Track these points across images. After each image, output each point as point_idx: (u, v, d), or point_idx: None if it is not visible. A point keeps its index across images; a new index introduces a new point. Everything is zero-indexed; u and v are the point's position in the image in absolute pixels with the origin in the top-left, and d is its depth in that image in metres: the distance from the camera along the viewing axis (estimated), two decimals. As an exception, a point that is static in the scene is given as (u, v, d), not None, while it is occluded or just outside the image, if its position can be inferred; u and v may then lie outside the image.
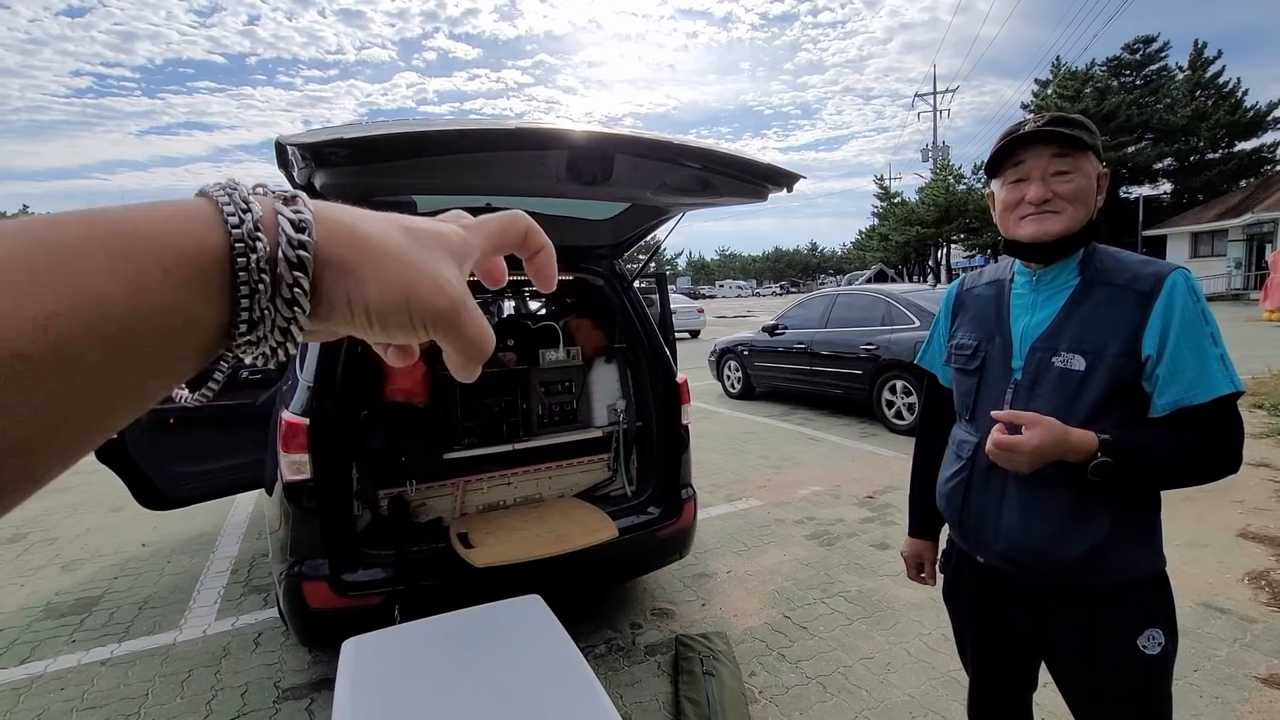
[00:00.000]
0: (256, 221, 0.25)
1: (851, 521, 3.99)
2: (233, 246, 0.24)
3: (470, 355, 0.31)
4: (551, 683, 1.30)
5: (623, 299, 2.90)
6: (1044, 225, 1.15)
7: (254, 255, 0.24)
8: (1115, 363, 1.10)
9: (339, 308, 0.27)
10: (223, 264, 0.24)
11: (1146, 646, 1.15)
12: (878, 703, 2.27)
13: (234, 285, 0.24)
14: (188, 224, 0.24)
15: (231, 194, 0.25)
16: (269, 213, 0.25)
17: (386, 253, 0.27)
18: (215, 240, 0.24)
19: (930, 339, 1.50)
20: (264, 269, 0.24)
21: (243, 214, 0.25)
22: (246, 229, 0.24)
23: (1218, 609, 2.76)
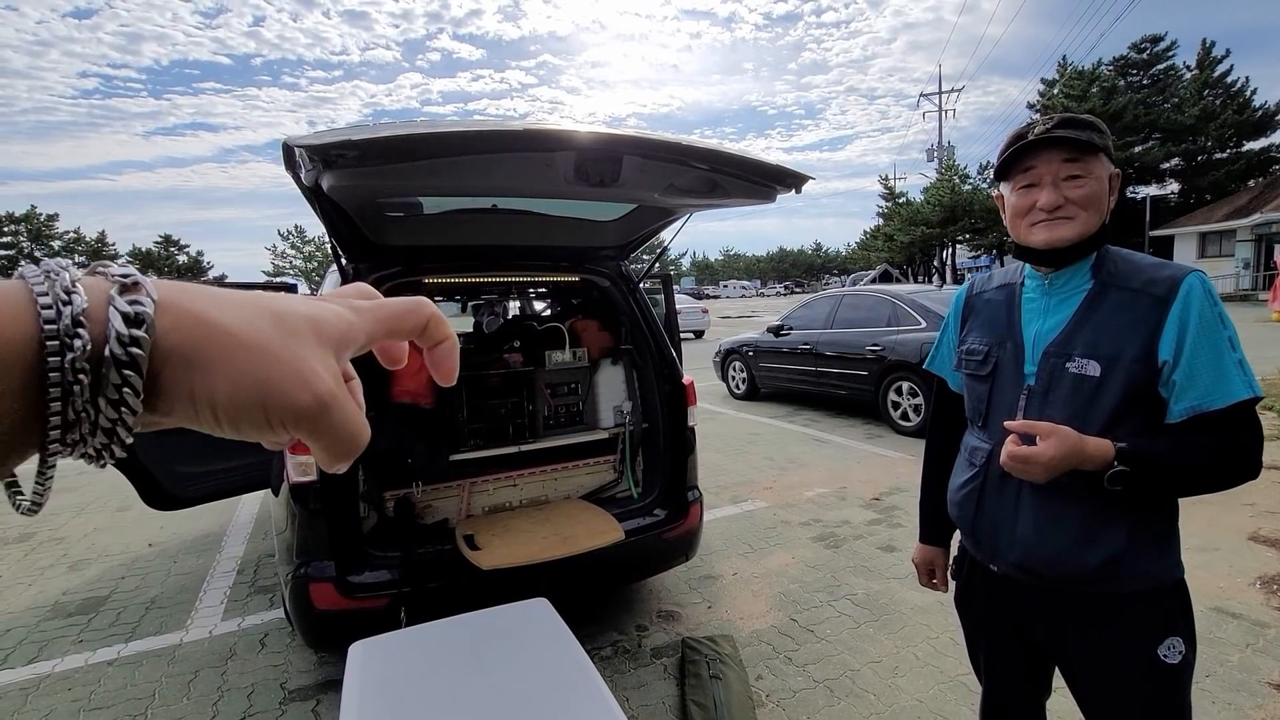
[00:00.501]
0: (78, 316, 0.22)
1: (858, 524, 3.98)
2: (43, 344, 0.22)
3: (336, 454, 0.28)
4: (560, 687, 1.29)
5: (629, 300, 2.89)
6: (1057, 232, 1.13)
7: (70, 354, 0.22)
8: (1131, 368, 1.08)
9: (180, 402, 0.25)
10: (29, 360, 0.22)
11: (1167, 656, 1.13)
12: (885, 707, 2.26)
13: (43, 385, 0.22)
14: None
15: (52, 280, 0.23)
16: (98, 304, 0.23)
17: (241, 344, 0.25)
18: (22, 334, 0.22)
19: (939, 343, 1.48)
20: (81, 369, 0.22)
21: (62, 305, 0.22)
22: (63, 324, 0.22)
23: (1230, 614, 2.73)
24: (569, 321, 3.24)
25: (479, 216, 2.40)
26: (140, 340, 0.23)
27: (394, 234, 2.44)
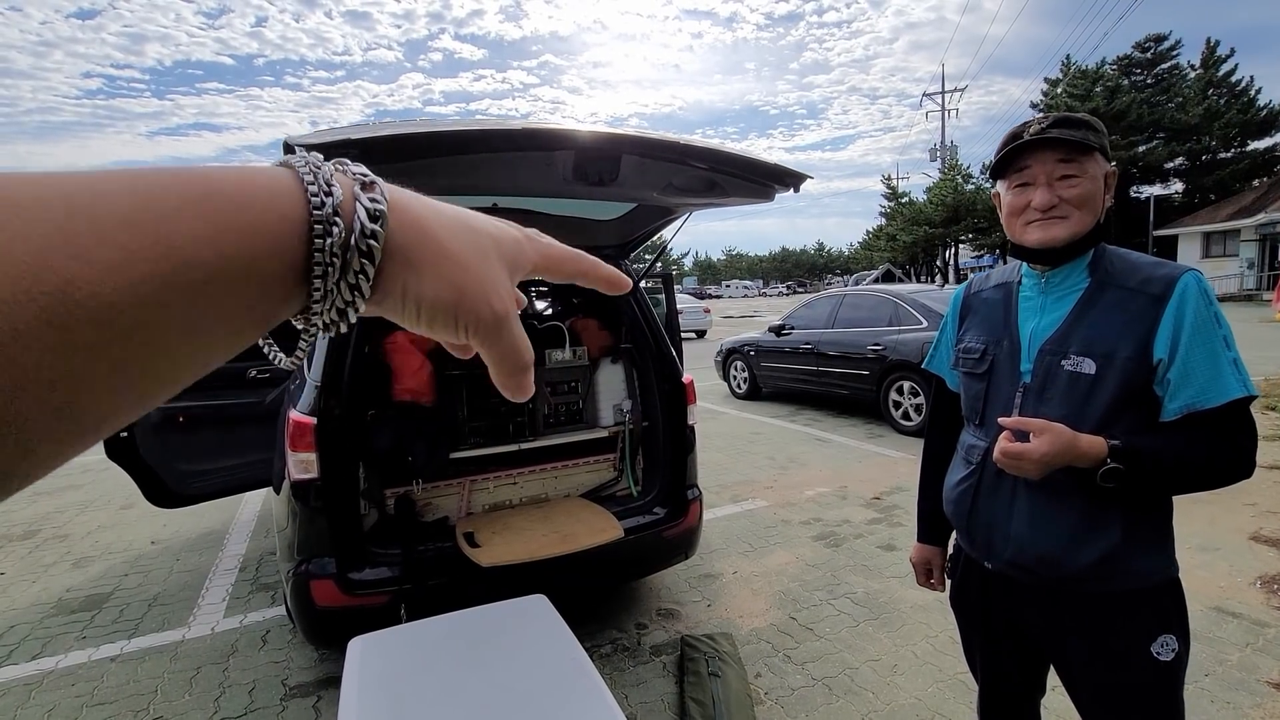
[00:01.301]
0: (336, 206, 0.25)
1: (858, 523, 3.98)
2: (312, 227, 0.25)
3: (506, 369, 0.32)
4: (558, 683, 1.30)
5: (629, 299, 2.90)
6: (1050, 232, 1.14)
7: (329, 239, 0.25)
8: (1126, 366, 1.09)
9: (393, 295, 0.28)
10: (302, 242, 0.25)
11: (1160, 653, 1.13)
12: (884, 705, 2.26)
13: (308, 264, 0.25)
14: (274, 199, 0.24)
15: (316, 174, 0.26)
16: (348, 197, 0.26)
17: (447, 254, 0.28)
18: (298, 219, 0.25)
19: (938, 343, 1.48)
20: (336, 253, 0.25)
21: (325, 196, 0.25)
22: (326, 212, 0.25)
23: (1229, 613, 2.73)
24: (569, 320, 3.25)
25: (479, 215, 2.41)
26: (378, 234, 0.26)
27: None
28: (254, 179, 0.24)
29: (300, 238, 0.25)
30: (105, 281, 0.19)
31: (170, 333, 0.21)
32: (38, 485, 5.58)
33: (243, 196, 0.23)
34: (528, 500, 2.93)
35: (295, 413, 2.24)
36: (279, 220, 0.24)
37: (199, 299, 0.22)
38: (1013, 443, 1.08)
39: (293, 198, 0.25)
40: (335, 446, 2.23)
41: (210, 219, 0.22)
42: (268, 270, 0.24)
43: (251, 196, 0.24)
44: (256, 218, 0.23)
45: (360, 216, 0.26)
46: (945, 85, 41.68)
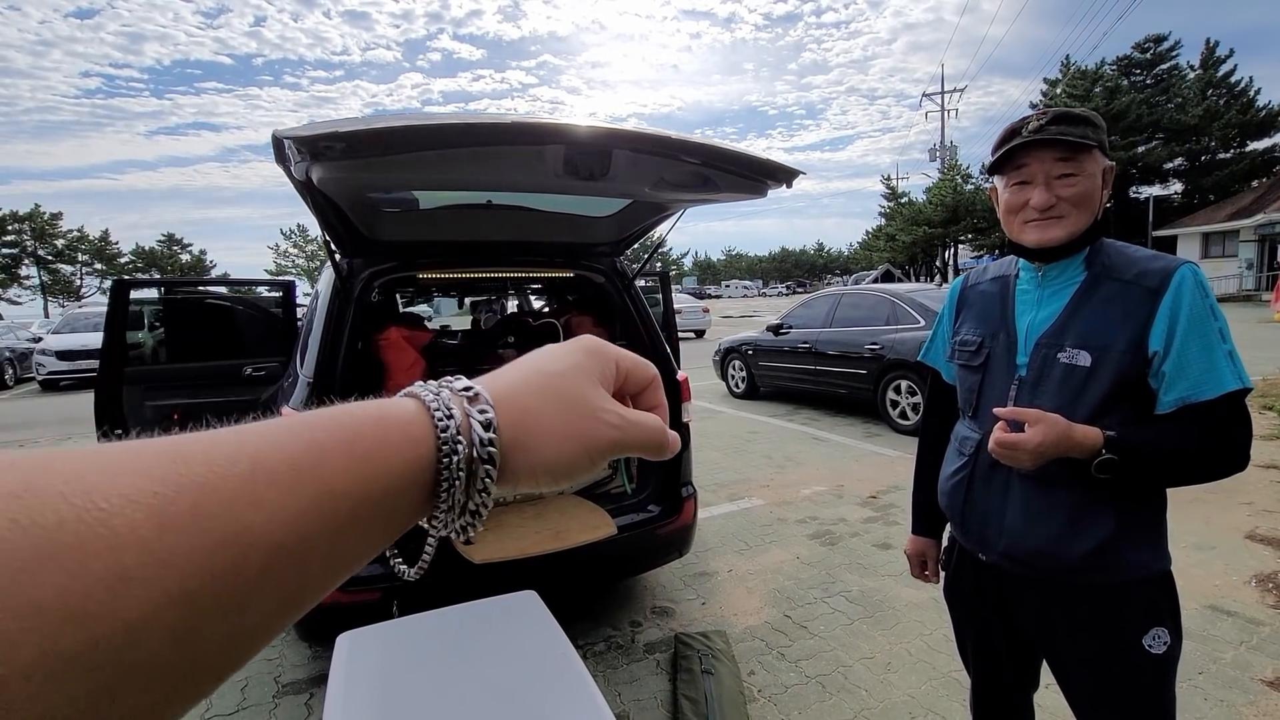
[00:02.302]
0: (458, 427, 0.29)
1: (854, 521, 3.97)
2: (439, 449, 0.29)
3: (652, 454, 0.36)
4: (544, 679, 1.29)
5: (623, 296, 2.89)
6: (1048, 232, 1.14)
7: (455, 458, 0.29)
8: (1121, 359, 1.09)
9: (522, 476, 0.32)
10: (432, 467, 0.29)
11: (1152, 646, 1.13)
12: (877, 703, 2.26)
13: (437, 482, 0.29)
14: (408, 430, 0.29)
15: (438, 400, 0.30)
16: (463, 415, 0.30)
17: (552, 427, 0.32)
18: (428, 448, 0.29)
19: (934, 335, 1.49)
20: (460, 469, 0.29)
21: (447, 419, 0.29)
22: (450, 434, 0.29)
23: (1224, 611, 2.72)
24: (564, 317, 3.25)
25: (473, 212, 2.40)
26: (494, 441, 0.30)
27: (388, 229, 2.45)
28: (388, 415, 0.29)
29: (430, 462, 0.29)
30: (274, 523, 0.22)
31: (315, 559, 0.24)
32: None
33: (381, 434, 0.27)
34: (521, 497, 2.93)
35: (287, 409, 2.23)
36: (413, 452, 0.28)
37: (344, 529, 0.25)
38: (1008, 433, 1.08)
39: (422, 428, 0.29)
40: None
41: (356, 459, 0.26)
42: (403, 496, 0.28)
43: (387, 433, 0.28)
44: (394, 454, 0.27)
45: (476, 430, 0.30)
46: (944, 86, 41.72)
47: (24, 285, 39.86)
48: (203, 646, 0.21)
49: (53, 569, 0.17)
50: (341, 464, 0.25)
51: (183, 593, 0.20)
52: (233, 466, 0.22)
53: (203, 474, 0.21)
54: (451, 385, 0.32)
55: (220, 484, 0.22)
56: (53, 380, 12.38)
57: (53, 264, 40.94)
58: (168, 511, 0.20)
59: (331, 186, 1.72)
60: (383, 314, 3.26)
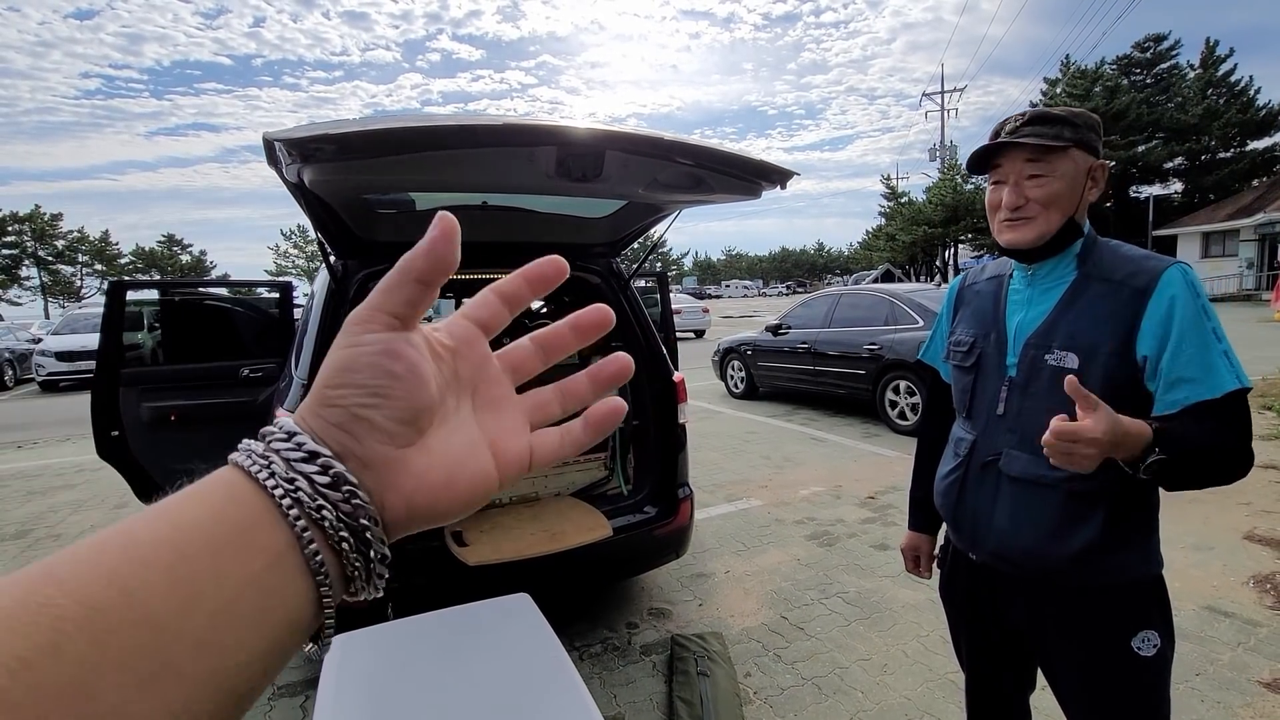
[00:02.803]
0: (309, 498, 0.27)
1: (852, 522, 3.97)
2: (299, 536, 0.26)
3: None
4: (535, 682, 1.29)
5: (620, 297, 2.89)
6: (1017, 233, 1.15)
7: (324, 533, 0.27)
8: (1109, 361, 1.08)
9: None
10: (294, 546, 0.26)
11: (1141, 648, 1.13)
12: (873, 704, 2.25)
13: (309, 566, 0.26)
14: (247, 513, 0.26)
15: (272, 469, 0.27)
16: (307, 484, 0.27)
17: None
18: (284, 533, 0.26)
19: (933, 335, 1.49)
20: (338, 538, 0.27)
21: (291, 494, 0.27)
22: (304, 512, 0.26)
23: (1222, 612, 2.72)
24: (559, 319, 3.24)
25: (468, 213, 2.40)
26: (357, 501, 0.28)
27: (382, 230, 2.44)
28: (223, 514, 0.25)
29: (291, 544, 0.26)
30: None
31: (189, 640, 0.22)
32: (31, 485, 5.58)
33: (220, 538, 0.25)
34: (517, 499, 2.92)
35: (282, 411, 2.23)
36: (268, 537, 0.26)
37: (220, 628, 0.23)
38: (1066, 422, 0.92)
39: (265, 510, 0.26)
40: None
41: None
42: (276, 579, 0.26)
43: (227, 535, 0.25)
44: (243, 548, 0.25)
45: (328, 494, 0.27)
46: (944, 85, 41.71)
47: (24, 286, 39.91)
48: None
49: None
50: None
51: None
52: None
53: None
54: (276, 443, 0.28)
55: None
56: (52, 381, 12.39)
57: (53, 265, 40.99)
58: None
59: (324, 188, 1.72)
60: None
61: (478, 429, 0.32)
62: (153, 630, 0.21)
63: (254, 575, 0.24)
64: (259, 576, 0.25)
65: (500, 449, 0.32)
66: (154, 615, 0.22)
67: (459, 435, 0.31)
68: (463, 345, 0.32)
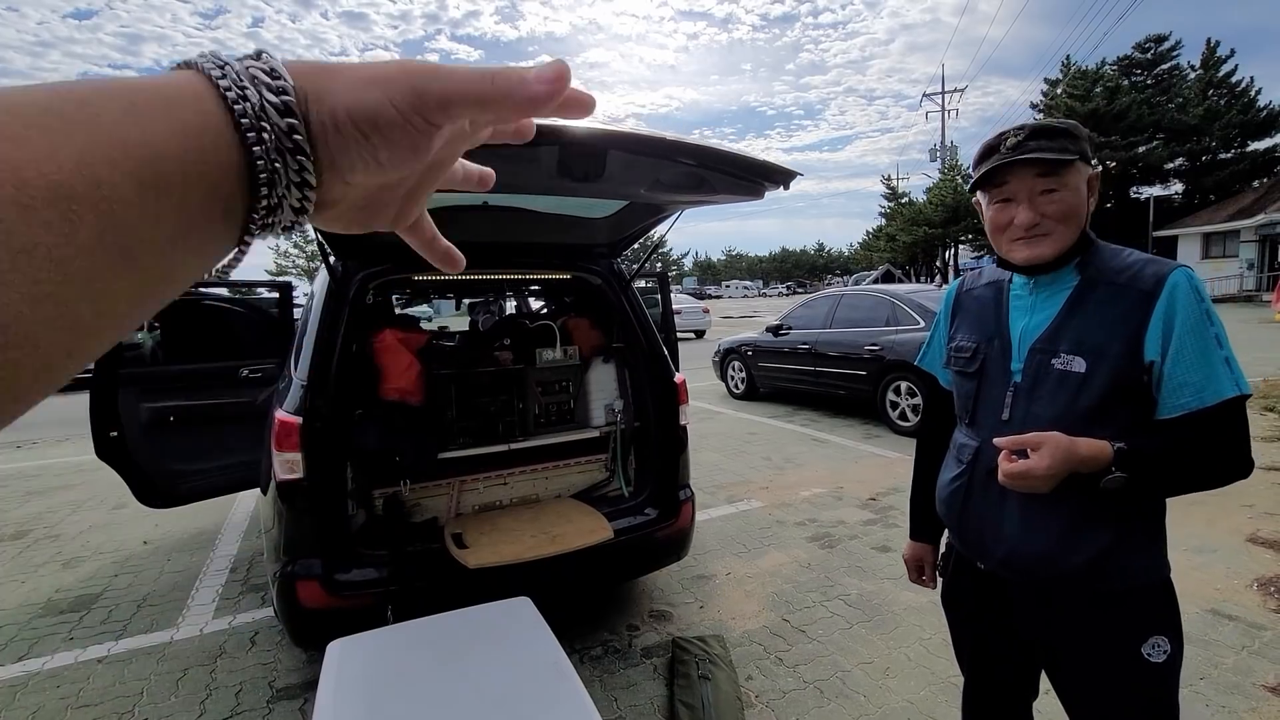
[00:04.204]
0: (240, 74, 0.25)
1: (853, 524, 3.96)
2: (224, 97, 0.24)
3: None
4: (535, 685, 1.27)
5: (620, 298, 2.88)
6: (1036, 249, 1.13)
7: (247, 104, 0.25)
8: (1116, 364, 1.07)
9: (329, 132, 0.27)
10: (225, 125, 0.24)
11: (1151, 654, 1.12)
12: (875, 708, 2.24)
13: (241, 134, 0.25)
14: (186, 86, 0.24)
15: (224, 69, 0.25)
16: (242, 68, 0.26)
17: (352, 73, 0.27)
18: (212, 102, 0.24)
19: (930, 340, 1.47)
20: (260, 115, 0.25)
21: (220, 66, 0.25)
22: (233, 80, 0.25)
23: (1225, 615, 2.70)
24: (560, 319, 3.23)
25: (469, 213, 2.38)
26: (284, 85, 0.26)
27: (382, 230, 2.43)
28: (164, 84, 0.24)
29: (226, 134, 0.24)
30: (44, 160, 0.19)
31: (128, 214, 0.21)
32: (31, 485, 5.56)
33: (152, 100, 0.23)
34: (518, 501, 2.91)
35: (281, 412, 2.22)
36: (199, 117, 0.24)
37: (147, 181, 0.22)
38: (1014, 462, 1.05)
39: (206, 99, 0.24)
40: (322, 446, 2.21)
41: (132, 118, 0.22)
42: (201, 163, 0.24)
43: (161, 98, 0.23)
44: (176, 109, 0.23)
45: (261, 76, 0.25)
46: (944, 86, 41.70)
47: (24, 286, 39.85)
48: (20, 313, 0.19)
49: None
50: (118, 117, 0.21)
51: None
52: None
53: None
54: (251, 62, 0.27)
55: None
56: (52, 381, 12.36)
57: (53, 264, 40.92)
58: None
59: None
60: (377, 316, 3.24)
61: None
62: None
63: (182, 124, 0.23)
64: (189, 128, 0.23)
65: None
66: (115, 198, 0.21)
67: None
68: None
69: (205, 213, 0.24)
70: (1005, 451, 1.08)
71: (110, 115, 0.21)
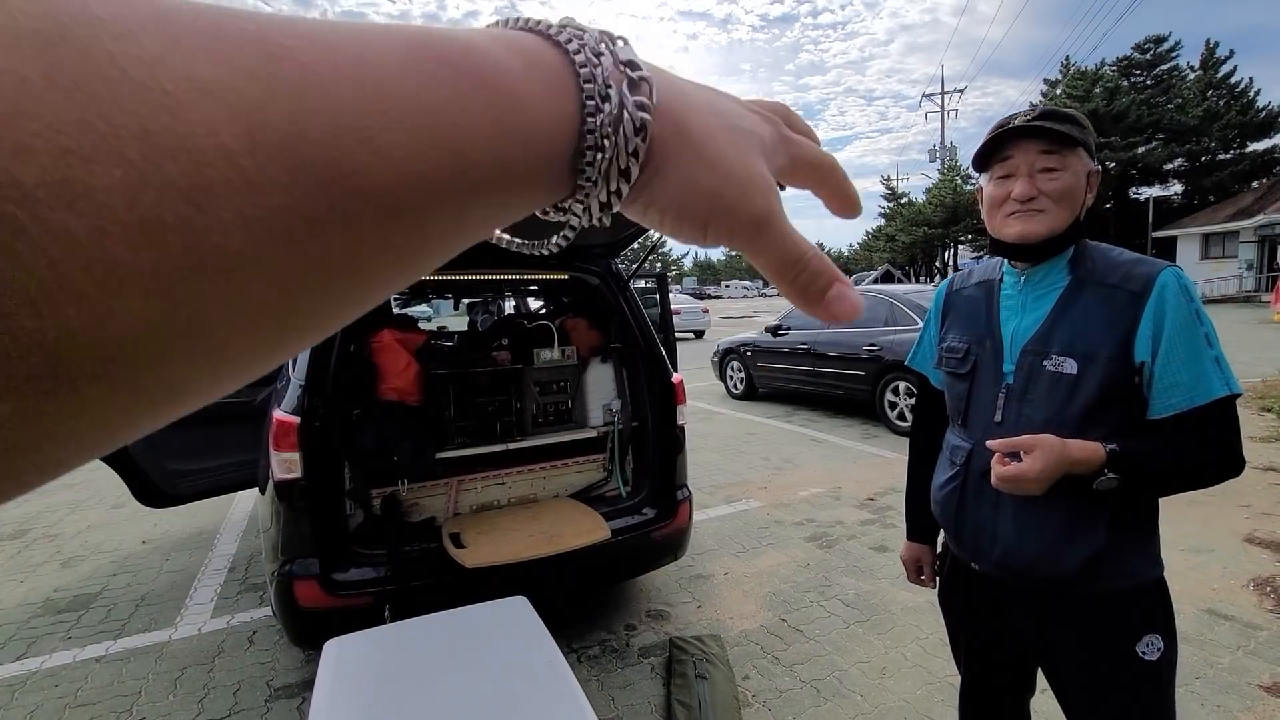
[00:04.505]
0: (611, 117, 0.23)
1: (851, 524, 3.96)
2: (583, 137, 0.23)
3: (782, 273, 0.27)
4: (530, 685, 1.28)
5: (618, 298, 2.88)
6: (1029, 225, 1.13)
7: (601, 155, 0.23)
8: (1108, 365, 1.08)
9: (637, 202, 0.25)
10: (570, 148, 0.23)
11: (1146, 653, 1.12)
12: (872, 707, 2.25)
13: (574, 169, 0.23)
14: (550, 98, 0.22)
15: (594, 72, 0.23)
16: (617, 104, 0.23)
17: (704, 161, 0.25)
18: (571, 125, 0.22)
19: (921, 340, 1.48)
20: (603, 169, 0.23)
21: (601, 102, 0.23)
22: (600, 123, 0.22)
23: (1222, 615, 2.71)
24: (558, 320, 3.24)
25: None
26: (639, 150, 0.23)
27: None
28: (530, 71, 0.22)
29: (571, 144, 0.22)
30: (390, 176, 0.17)
31: (440, 230, 0.20)
32: (29, 484, 5.56)
33: (519, 90, 0.21)
34: (516, 500, 2.92)
35: (279, 412, 2.22)
36: (554, 124, 0.22)
37: (472, 201, 0.20)
38: (1006, 465, 1.07)
39: (567, 102, 0.22)
40: (319, 446, 2.21)
41: (490, 115, 0.20)
42: (535, 173, 0.22)
43: (526, 92, 0.21)
44: (532, 119, 0.21)
45: (626, 130, 0.23)
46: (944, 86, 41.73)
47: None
48: (309, 300, 0.17)
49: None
50: (471, 119, 0.19)
51: (289, 241, 0.15)
52: (342, 86, 0.16)
53: (300, 81, 0.16)
54: (614, 49, 0.24)
55: (327, 103, 0.16)
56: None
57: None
58: (257, 121, 0.15)
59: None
60: (375, 316, 3.25)
61: None
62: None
63: (542, 130, 0.22)
64: (546, 134, 0.22)
65: None
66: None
67: None
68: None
69: (516, 209, 0.23)
70: (998, 455, 1.09)
71: (465, 116, 0.19)
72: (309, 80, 0.16)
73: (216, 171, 0.14)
